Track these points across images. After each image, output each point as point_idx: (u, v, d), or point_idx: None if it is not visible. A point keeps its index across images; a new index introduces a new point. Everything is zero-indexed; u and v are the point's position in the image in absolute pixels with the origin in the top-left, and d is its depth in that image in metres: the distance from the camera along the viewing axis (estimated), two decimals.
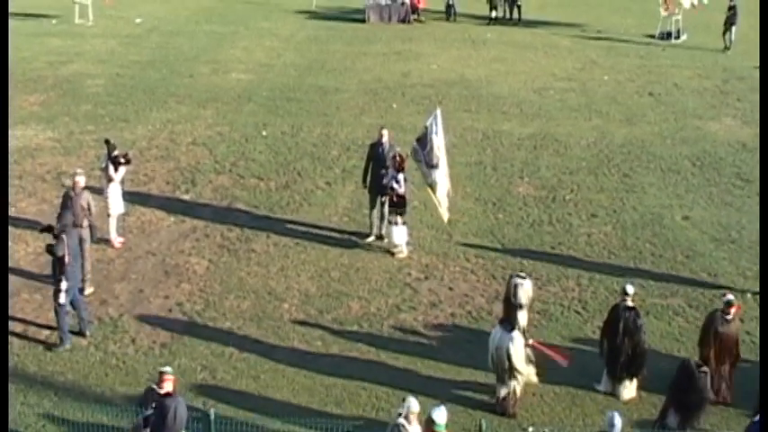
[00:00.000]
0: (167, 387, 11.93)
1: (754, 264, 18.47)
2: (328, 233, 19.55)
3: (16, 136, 24.67)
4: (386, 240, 19.04)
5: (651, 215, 20.80)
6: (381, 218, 19.17)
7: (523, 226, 20.17)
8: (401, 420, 11.69)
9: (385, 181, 18.56)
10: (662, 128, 26.79)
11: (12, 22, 37.00)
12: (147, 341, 15.58)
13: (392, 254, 18.56)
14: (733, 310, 14.31)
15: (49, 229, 15.64)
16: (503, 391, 13.90)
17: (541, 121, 27.11)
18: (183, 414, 8.79)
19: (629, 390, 14.33)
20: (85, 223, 17.05)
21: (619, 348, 14.16)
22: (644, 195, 21.86)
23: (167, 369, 12.39)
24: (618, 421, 11.69)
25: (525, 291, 13.82)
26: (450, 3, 41.98)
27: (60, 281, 15.11)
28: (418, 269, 18.16)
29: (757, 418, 11.94)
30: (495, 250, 19.02)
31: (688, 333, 16.09)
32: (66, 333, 15.32)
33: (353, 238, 19.36)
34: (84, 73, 31.23)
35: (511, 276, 14.28)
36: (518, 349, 13.67)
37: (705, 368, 12.92)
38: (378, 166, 18.92)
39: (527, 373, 13.98)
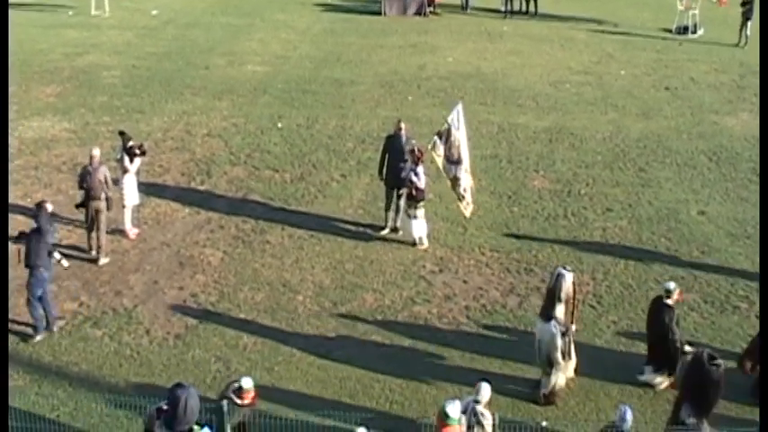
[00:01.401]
0: (247, 400, 12.11)
1: None
2: (343, 225, 19.54)
3: (32, 127, 24.75)
4: (400, 233, 19.02)
5: (667, 210, 20.69)
6: (396, 210, 19.14)
7: (538, 219, 20.11)
8: (480, 408, 11.80)
9: (404, 174, 18.54)
10: (678, 122, 26.64)
11: (28, 14, 37.31)
12: (162, 332, 15.61)
13: (413, 245, 18.54)
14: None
15: (20, 235, 15.74)
16: (548, 383, 13.93)
17: (557, 115, 27.00)
18: (194, 405, 8.73)
19: (664, 382, 14.29)
20: (103, 196, 17.66)
21: (655, 342, 14.23)
22: (660, 190, 21.76)
23: (247, 385, 12.29)
24: (629, 416, 11.65)
25: (566, 284, 13.83)
26: None
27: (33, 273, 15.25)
28: (433, 262, 18.12)
29: None
30: (510, 244, 18.97)
31: (703, 329, 16.03)
32: (39, 323, 15.35)
33: (368, 230, 19.34)
34: (101, 64, 31.26)
35: (556, 267, 14.27)
36: (554, 340, 13.67)
37: (719, 361, 12.82)
38: (394, 158, 18.89)
39: (565, 365, 13.95)
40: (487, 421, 11.84)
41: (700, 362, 12.71)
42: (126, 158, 18.64)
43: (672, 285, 14.47)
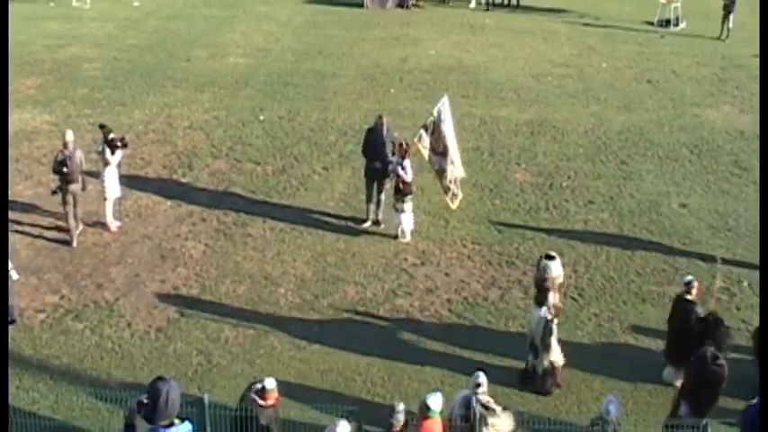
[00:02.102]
0: (270, 401, 11.90)
1: (750, 251, 18.47)
2: (325, 218, 19.52)
3: (13, 119, 24.59)
4: (382, 226, 19.02)
5: (648, 202, 20.77)
6: (377, 203, 19.15)
7: (520, 212, 20.15)
8: (486, 397, 11.98)
9: (390, 168, 18.56)
10: (660, 115, 26.73)
11: (9, 6, 36.93)
12: (143, 325, 15.58)
13: (395, 238, 18.56)
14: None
15: None
16: (539, 368, 14.05)
17: (539, 108, 27.04)
18: (175, 398, 8.71)
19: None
20: (80, 179, 17.99)
21: (674, 339, 14.17)
22: (641, 182, 21.83)
23: (271, 385, 11.92)
24: (613, 407, 11.69)
25: (553, 271, 13.92)
26: None
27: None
28: (415, 255, 18.14)
29: (755, 400, 11.90)
30: (492, 236, 19.00)
31: None
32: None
33: (350, 223, 19.33)
34: (82, 56, 31.10)
35: (541, 257, 14.33)
36: (546, 325, 13.80)
37: (722, 361, 12.76)
38: (374, 151, 18.88)
39: (557, 351, 14.05)
40: (497, 408, 11.95)
41: (703, 360, 12.66)
42: (107, 151, 18.55)
43: (689, 278, 14.39)
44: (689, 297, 14.21)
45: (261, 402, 11.76)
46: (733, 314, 16.18)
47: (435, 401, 11.44)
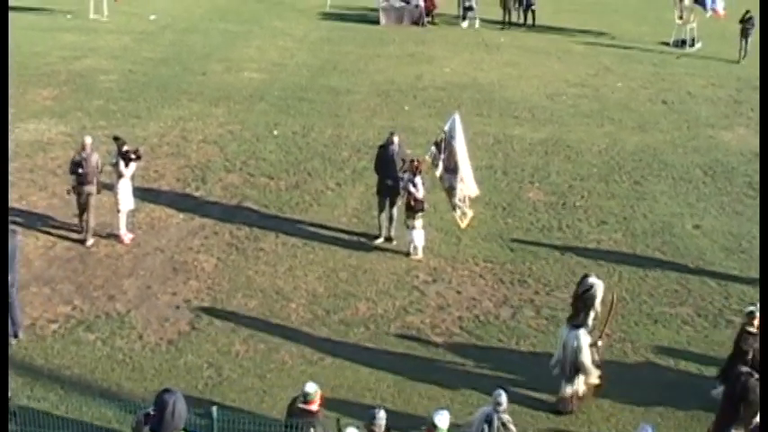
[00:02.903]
0: (314, 406, 11.73)
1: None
2: (337, 234, 19.59)
3: (29, 130, 24.79)
4: (394, 242, 19.08)
5: (662, 223, 20.77)
6: (390, 220, 19.22)
7: (533, 231, 20.17)
8: (506, 417, 11.95)
9: (402, 184, 18.63)
10: (674, 136, 26.75)
11: (26, 17, 37.32)
12: (155, 337, 15.63)
13: (407, 255, 18.61)
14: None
15: None
16: (568, 390, 13.98)
17: (553, 127, 27.10)
18: (181, 410, 8.70)
19: None
20: (95, 180, 18.49)
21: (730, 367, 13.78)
22: (655, 203, 21.84)
23: (312, 389, 11.77)
24: None
25: (597, 291, 13.85)
26: (468, 5, 41.83)
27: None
28: (426, 272, 18.17)
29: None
30: (504, 255, 19.03)
31: (696, 342, 16.08)
32: (17, 325, 15.30)
33: (362, 239, 19.39)
34: (98, 68, 31.33)
35: (585, 276, 14.28)
36: (583, 347, 13.73)
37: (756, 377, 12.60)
38: (386, 168, 18.96)
39: (591, 372, 13.99)
40: (514, 429, 11.96)
41: (746, 386, 12.50)
42: (121, 163, 18.65)
43: (751, 309, 13.97)
44: (750, 329, 13.81)
45: (309, 408, 11.64)
46: None
47: (442, 420, 11.43)
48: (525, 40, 38.72)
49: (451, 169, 18.39)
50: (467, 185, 18.55)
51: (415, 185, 18.44)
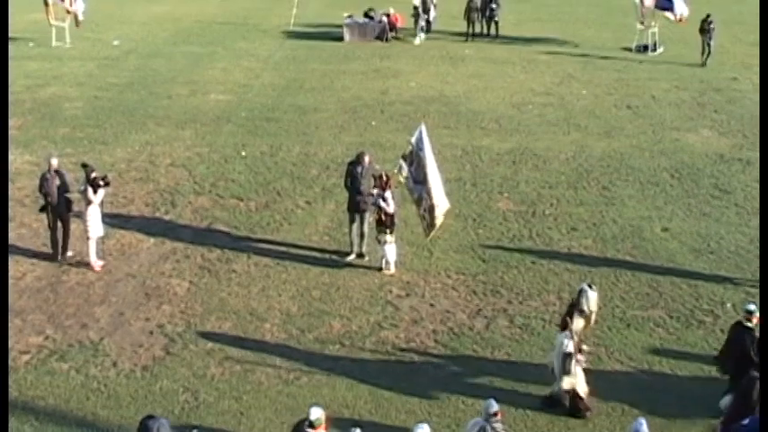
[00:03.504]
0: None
1: (732, 273, 18.66)
2: (309, 252, 19.60)
3: None
4: (366, 258, 19.12)
5: (631, 227, 20.94)
6: (361, 236, 19.27)
7: (504, 241, 20.27)
8: (500, 426, 12.12)
9: (372, 200, 18.69)
10: (640, 140, 26.99)
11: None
12: (129, 364, 15.56)
13: (380, 270, 18.66)
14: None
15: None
16: (555, 387, 14.24)
17: (520, 136, 27.27)
18: None
19: None
20: (62, 200, 18.89)
21: (737, 369, 13.87)
22: (623, 208, 22.01)
23: (316, 415, 11.74)
24: (645, 429, 11.86)
25: (588, 299, 14.24)
26: (427, 19, 42.10)
27: None
28: (399, 286, 18.22)
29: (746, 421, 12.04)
30: (476, 266, 19.11)
31: (669, 344, 16.20)
32: None
33: (334, 256, 19.42)
34: (63, 96, 31.21)
35: (583, 285, 14.59)
36: (567, 349, 13.91)
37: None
38: (356, 184, 19.02)
39: (576, 376, 14.11)
40: None
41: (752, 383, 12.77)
42: (89, 190, 18.60)
43: (753, 307, 14.10)
44: (749, 324, 13.97)
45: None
46: (717, 336, 16.28)
47: None
48: (490, 52, 38.95)
49: (420, 181, 18.48)
50: (436, 198, 18.55)
51: (385, 200, 18.49)
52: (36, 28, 40.55)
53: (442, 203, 18.63)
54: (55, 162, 19.24)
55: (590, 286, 14.49)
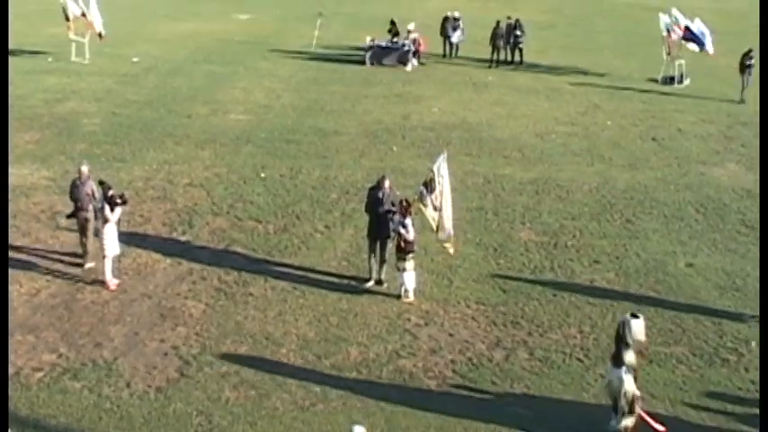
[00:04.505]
0: None
1: (758, 311, 18.61)
2: (327, 278, 19.68)
3: (11, 174, 24.82)
4: (385, 285, 19.19)
5: (654, 262, 20.94)
6: (380, 262, 19.34)
7: (525, 272, 20.31)
8: None
9: (392, 226, 18.79)
10: (665, 173, 27.01)
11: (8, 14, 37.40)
12: (142, 385, 15.64)
13: (398, 297, 18.72)
14: None
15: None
16: (613, 423, 14.19)
17: (543, 166, 27.34)
18: None
19: None
20: (90, 207, 19.52)
21: None
22: (647, 242, 22.02)
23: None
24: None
25: (634, 329, 14.07)
26: (454, 42, 42.43)
27: None
28: (418, 315, 18.27)
29: None
30: (496, 296, 19.14)
31: (692, 382, 16.18)
32: None
33: (352, 282, 19.49)
34: (80, 111, 31.48)
35: (625, 316, 14.46)
36: (625, 387, 13.88)
37: None
38: (376, 210, 19.12)
39: (636, 411, 14.11)
40: None
41: None
42: (107, 208, 18.78)
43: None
44: None
45: None
46: (741, 375, 16.28)
47: None
48: (513, 79, 39.10)
49: (438, 209, 18.71)
50: (445, 227, 18.81)
51: (405, 227, 18.58)
52: (56, 42, 40.94)
53: (448, 231, 18.85)
54: (85, 170, 19.82)
55: (634, 315, 14.31)
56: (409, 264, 18.65)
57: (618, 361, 14.09)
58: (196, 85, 35.91)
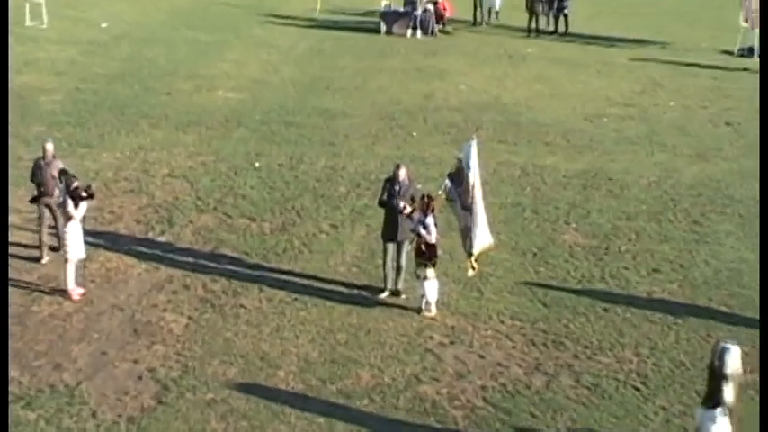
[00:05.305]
0: None
1: None
2: (333, 287, 19.74)
3: None
4: (403, 296, 19.24)
5: (728, 271, 20.90)
6: (397, 270, 19.38)
7: (570, 282, 20.33)
8: None
9: (411, 226, 18.80)
10: (741, 165, 26.96)
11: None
12: (111, 414, 15.66)
13: (419, 311, 18.76)
14: None
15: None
16: None
17: (593, 156, 27.35)
18: None
19: None
20: (56, 192, 19.68)
21: None
22: (718, 247, 22.00)
23: None
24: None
25: (732, 359, 13.69)
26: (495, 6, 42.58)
27: None
28: (442, 332, 18.29)
29: None
30: (536, 311, 19.15)
31: None
32: None
33: (364, 293, 19.54)
34: (37, 87, 31.62)
35: (717, 341, 14.32)
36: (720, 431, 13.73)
37: None
38: (392, 207, 19.11)
39: None
40: None
41: None
42: (69, 203, 18.79)
43: None
44: None
45: None
46: None
47: None
48: (557, 51, 39.10)
49: (467, 207, 18.58)
50: (479, 231, 18.64)
51: (426, 227, 18.59)
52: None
53: (482, 238, 18.68)
54: (50, 148, 20.13)
55: (730, 341, 13.98)
56: (431, 271, 18.66)
57: (713, 400, 13.70)
58: (177, 57, 36.03)
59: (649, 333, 18.45)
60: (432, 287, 18.70)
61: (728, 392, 13.60)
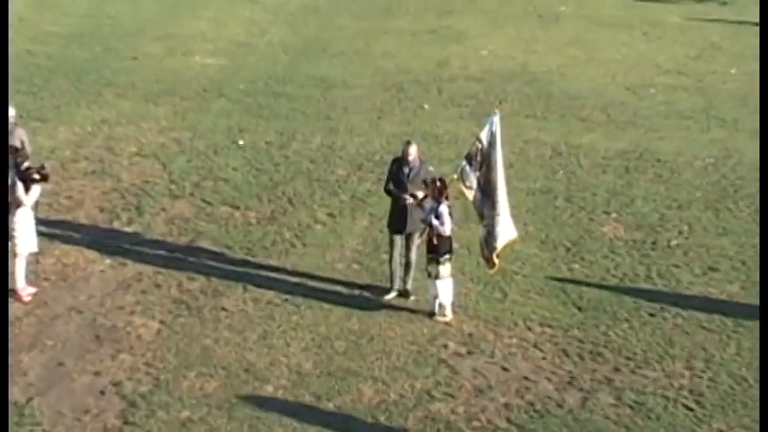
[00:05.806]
0: None
1: None
2: (331, 286, 19.79)
3: None
4: (412, 298, 19.28)
5: None
6: (406, 266, 19.43)
7: (610, 281, 20.36)
8: None
9: (423, 216, 18.84)
10: None
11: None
12: None
13: (431, 315, 18.82)
14: None
15: None
16: None
17: (638, 133, 27.36)
18: None
19: None
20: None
21: None
22: None
23: None
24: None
25: None
26: None
27: None
28: (458, 340, 18.33)
29: None
30: (570, 316, 19.19)
31: None
32: None
33: (366, 293, 19.60)
34: None
35: None
36: None
37: None
38: (401, 192, 19.14)
39: None
40: None
41: None
42: (19, 186, 18.76)
43: None
44: None
45: None
46: None
47: None
48: (595, 9, 39.10)
49: (488, 192, 18.58)
50: (501, 220, 18.65)
51: (439, 217, 18.60)
52: None
53: (505, 230, 18.70)
54: (13, 113, 20.33)
55: None
56: (445, 268, 18.67)
57: None
58: (144, 14, 36.06)
59: (704, 343, 18.46)
60: (446, 287, 18.72)
61: None
